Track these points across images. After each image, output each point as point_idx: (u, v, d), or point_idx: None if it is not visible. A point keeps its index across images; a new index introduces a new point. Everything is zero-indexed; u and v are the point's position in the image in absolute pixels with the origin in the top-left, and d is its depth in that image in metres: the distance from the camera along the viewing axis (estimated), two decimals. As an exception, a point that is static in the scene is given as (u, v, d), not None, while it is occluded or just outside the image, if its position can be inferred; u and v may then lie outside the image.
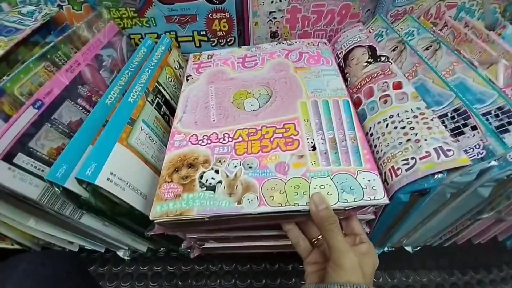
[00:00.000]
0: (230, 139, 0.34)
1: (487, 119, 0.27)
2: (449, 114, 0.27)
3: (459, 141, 0.25)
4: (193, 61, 0.46)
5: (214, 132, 0.35)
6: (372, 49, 0.37)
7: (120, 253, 0.45)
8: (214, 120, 0.37)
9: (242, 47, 0.47)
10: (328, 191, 0.28)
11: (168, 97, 0.42)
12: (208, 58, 0.46)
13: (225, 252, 0.42)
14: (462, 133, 0.26)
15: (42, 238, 0.39)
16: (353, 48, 0.40)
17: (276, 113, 0.36)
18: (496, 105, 0.27)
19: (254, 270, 0.48)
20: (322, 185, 0.29)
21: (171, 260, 0.48)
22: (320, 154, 0.31)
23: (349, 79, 0.38)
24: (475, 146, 0.24)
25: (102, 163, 0.28)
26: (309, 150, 0.31)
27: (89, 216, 0.33)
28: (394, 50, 0.38)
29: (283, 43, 0.45)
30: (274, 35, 0.49)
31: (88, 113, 0.36)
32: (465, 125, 0.26)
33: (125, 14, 0.47)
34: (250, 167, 0.31)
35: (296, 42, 0.45)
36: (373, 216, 0.31)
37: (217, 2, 0.45)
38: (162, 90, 0.40)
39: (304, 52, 0.43)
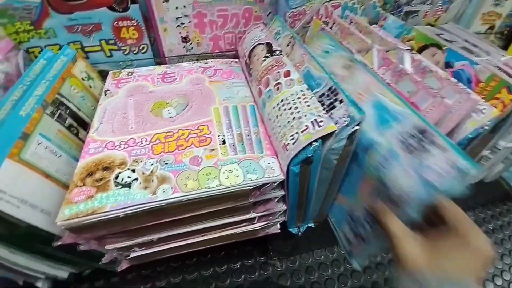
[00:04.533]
0: (147, 142, 0.36)
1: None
2: (325, 93, 0.32)
3: (332, 114, 0.30)
4: (112, 78, 0.47)
5: (132, 138, 0.37)
6: (269, 45, 0.41)
7: (39, 284, 0.40)
8: (132, 128, 0.38)
9: (162, 65, 0.50)
10: (235, 174, 0.32)
11: (75, 108, 0.40)
12: (128, 75, 0.48)
13: (158, 258, 0.41)
14: (334, 107, 0.30)
15: None
16: (255, 46, 0.44)
17: (192, 118, 0.39)
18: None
19: (202, 275, 0.47)
20: (230, 170, 0.32)
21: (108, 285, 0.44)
22: (229, 146, 0.35)
23: (253, 73, 0.42)
24: (342, 115, 0.29)
25: (-14, 181, 0.26)
26: (220, 144, 0.35)
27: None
28: (288, 45, 0.42)
29: (200, 62, 0.50)
30: (185, 40, 0.51)
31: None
32: (335, 100, 0.30)
33: (20, 28, 0.44)
34: (166, 163, 0.33)
35: (211, 61, 0.51)
36: (283, 192, 0.34)
37: (120, 9, 0.45)
38: (66, 102, 0.39)
39: (218, 69, 0.49)
